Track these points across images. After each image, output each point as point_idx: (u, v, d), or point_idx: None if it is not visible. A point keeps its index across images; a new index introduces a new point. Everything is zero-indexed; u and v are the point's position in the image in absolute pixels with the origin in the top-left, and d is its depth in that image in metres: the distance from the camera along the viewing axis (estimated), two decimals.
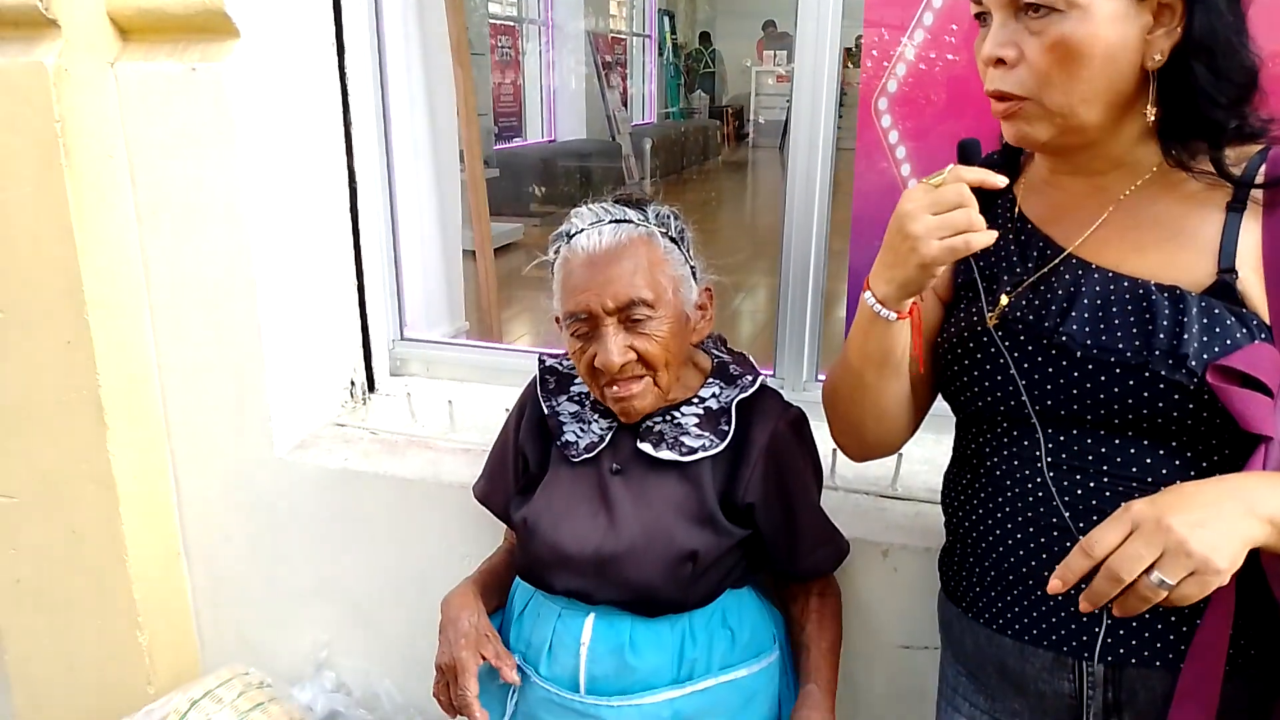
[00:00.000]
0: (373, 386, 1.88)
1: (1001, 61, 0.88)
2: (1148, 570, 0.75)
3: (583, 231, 1.16)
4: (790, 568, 1.26)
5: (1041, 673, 0.96)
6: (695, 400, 1.24)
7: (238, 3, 1.49)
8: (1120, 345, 0.88)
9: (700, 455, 1.19)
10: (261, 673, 1.73)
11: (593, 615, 1.21)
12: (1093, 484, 0.91)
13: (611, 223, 1.16)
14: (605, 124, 9.16)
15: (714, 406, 1.23)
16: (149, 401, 1.70)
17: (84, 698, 1.88)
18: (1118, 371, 0.88)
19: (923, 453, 1.48)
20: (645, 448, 1.20)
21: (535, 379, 1.34)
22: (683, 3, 13.44)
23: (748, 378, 1.25)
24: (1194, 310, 0.86)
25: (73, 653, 1.85)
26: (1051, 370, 0.92)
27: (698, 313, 1.22)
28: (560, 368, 1.33)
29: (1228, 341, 0.85)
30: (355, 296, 1.81)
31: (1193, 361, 0.85)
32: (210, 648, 1.87)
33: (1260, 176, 0.88)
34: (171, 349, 1.67)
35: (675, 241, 1.19)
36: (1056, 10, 0.84)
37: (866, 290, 0.95)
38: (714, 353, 1.32)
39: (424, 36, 1.93)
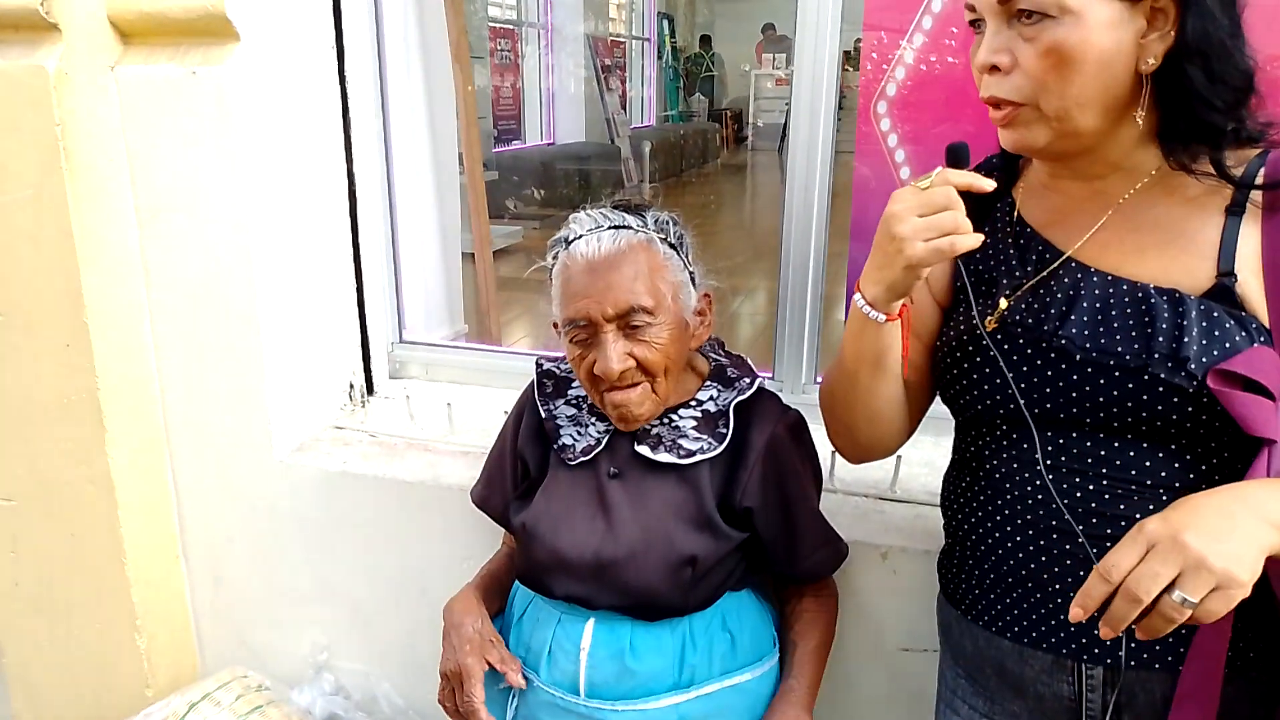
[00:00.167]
0: (372, 389, 1.88)
1: (996, 68, 0.88)
2: (1168, 589, 0.74)
3: (581, 237, 1.16)
4: (789, 570, 1.26)
5: (1041, 675, 0.96)
6: (693, 403, 1.24)
7: (238, 6, 1.49)
8: (1120, 348, 0.88)
9: (698, 458, 1.19)
10: (260, 675, 1.74)
11: (593, 620, 1.21)
12: (1092, 487, 0.91)
13: (610, 229, 1.16)
14: (604, 127, 9.16)
15: (712, 409, 1.23)
16: (148, 404, 1.70)
17: (83, 701, 1.87)
18: (1117, 375, 0.88)
19: (922, 455, 1.48)
20: (643, 450, 1.20)
21: (533, 383, 1.34)
22: (682, 6, 13.46)
23: (745, 380, 1.25)
24: (1194, 313, 0.86)
25: (71, 656, 1.85)
26: (1051, 373, 0.92)
27: (697, 319, 1.22)
28: (558, 371, 1.33)
29: (1227, 345, 0.85)
30: (354, 299, 1.81)
31: (1193, 365, 0.85)
32: (209, 650, 1.87)
33: (1259, 179, 0.88)
34: (171, 352, 1.67)
35: (674, 247, 1.19)
36: (1049, 16, 0.84)
37: (857, 292, 0.96)
38: (712, 356, 1.32)
39: (424, 40, 1.93)
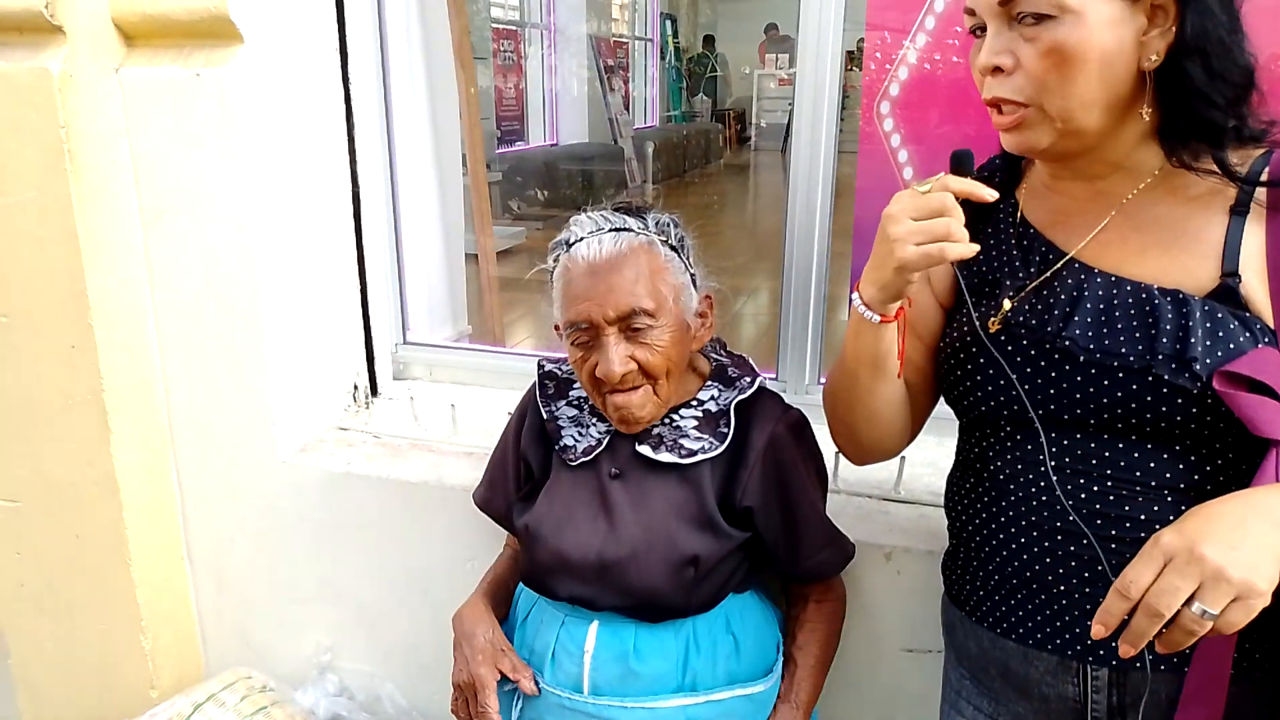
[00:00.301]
0: (375, 390, 1.88)
1: (999, 70, 0.88)
2: (1188, 602, 0.73)
3: (582, 240, 1.16)
4: (791, 570, 1.26)
5: (1046, 676, 0.96)
6: (694, 403, 1.23)
7: (242, 8, 1.49)
8: (1123, 349, 0.88)
9: (700, 457, 1.19)
10: (264, 676, 1.74)
11: (596, 622, 1.21)
12: (1096, 487, 0.91)
13: (611, 231, 1.16)
14: (607, 128, 9.16)
15: (713, 409, 1.23)
16: (153, 405, 1.70)
17: (87, 701, 1.88)
18: (1121, 375, 0.88)
19: (925, 456, 1.48)
20: (644, 450, 1.20)
21: (535, 384, 1.34)
22: (685, 6, 13.46)
23: (746, 380, 1.25)
24: (1197, 314, 0.86)
25: (76, 656, 1.86)
26: (1055, 374, 0.92)
27: (698, 320, 1.22)
28: (559, 372, 1.33)
29: (1231, 345, 0.84)
30: (358, 300, 1.82)
31: (1197, 366, 0.84)
32: (213, 651, 1.87)
33: (1264, 178, 0.87)
34: (175, 353, 1.68)
35: (675, 249, 1.19)
36: (1050, 17, 0.84)
37: (856, 292, 0.96)
38: (713, 356, 1.32)
39: (427, 41, 1.93)
